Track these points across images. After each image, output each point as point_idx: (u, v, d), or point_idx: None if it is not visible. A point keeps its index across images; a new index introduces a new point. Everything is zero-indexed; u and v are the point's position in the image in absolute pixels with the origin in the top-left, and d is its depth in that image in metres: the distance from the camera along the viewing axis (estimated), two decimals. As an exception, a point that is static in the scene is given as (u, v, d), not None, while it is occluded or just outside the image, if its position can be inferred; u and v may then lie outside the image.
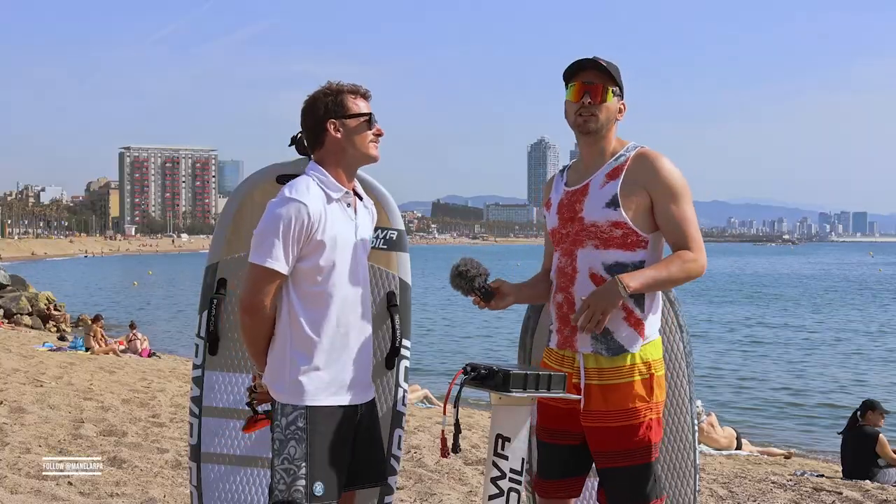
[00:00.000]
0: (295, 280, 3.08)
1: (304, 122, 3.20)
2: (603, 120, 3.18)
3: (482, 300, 3.21)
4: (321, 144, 3.16)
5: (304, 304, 3.07)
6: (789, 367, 21.84)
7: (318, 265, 3.06)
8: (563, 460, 3.28)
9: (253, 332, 3.12)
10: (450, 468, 7.09)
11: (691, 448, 3.77)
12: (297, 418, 3.05)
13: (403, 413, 3.77)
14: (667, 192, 3.13)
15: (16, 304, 26.95)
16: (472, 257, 3.25)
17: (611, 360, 3.14)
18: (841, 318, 36.11)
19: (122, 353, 18.30)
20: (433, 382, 15.72)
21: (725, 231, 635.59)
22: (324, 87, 3.19)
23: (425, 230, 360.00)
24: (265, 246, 3.01)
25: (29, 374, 12.50)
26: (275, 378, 3.12)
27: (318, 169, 3.14)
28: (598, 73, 3.17)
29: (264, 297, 3.04)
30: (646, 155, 3.18)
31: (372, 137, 3.17)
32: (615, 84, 3.19)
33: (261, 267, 3.02)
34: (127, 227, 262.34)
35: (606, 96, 3.16)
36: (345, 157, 3.15)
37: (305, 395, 3.06)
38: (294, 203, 3.01)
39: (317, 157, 3.19)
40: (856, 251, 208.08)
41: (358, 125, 3.14)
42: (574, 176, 3.30)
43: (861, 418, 9.47)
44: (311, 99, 3.18)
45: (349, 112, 3.14)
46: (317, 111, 3.14)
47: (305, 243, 3.03)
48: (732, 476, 7.98)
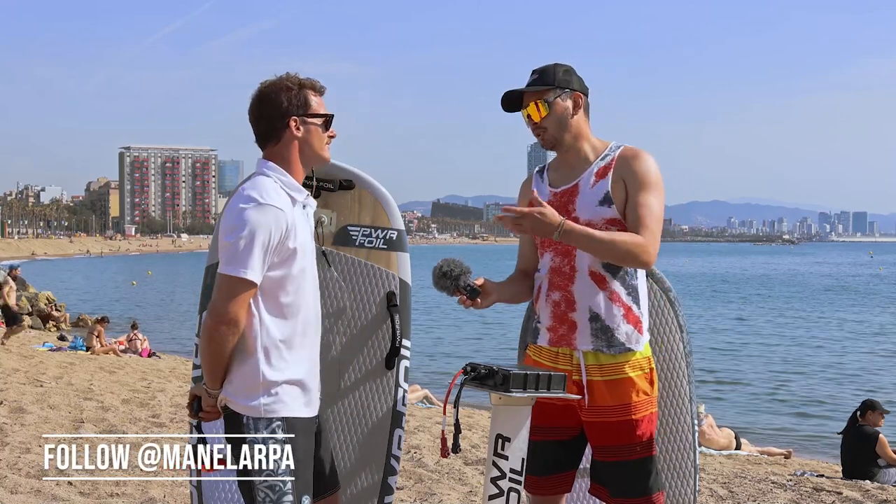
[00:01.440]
0: (264, 290, 2.87)
1: (259, 111, 2.98)
2: (554, 129, 3.23)
3: (468, 298, 3.21)
4: (277, 140, 2.97)
5: (274, 314, 2.90)
6: (787, 366, 21.84)
7: (290, 273, 2.90)
8: (553, 456, 3.30)
9: (225, 346, 2.87)
10: (450, 468, 7.09)
11: (691, 448, 3.77)
12: (275, 431, 2.89)
13: (403, 413, 3.76)
14: (637, 183, 3.16)
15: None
16: (453, 257, 3.23)
17: (612, 357, 3.16)
18: (839, 316, 36.15)
19: (122, 354, 18.30)
20: (433, 382, 15.71)
21: (725, 231, 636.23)
22: (283, 78, 2.99)
23: (425, 230, 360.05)
24: (240, 255, 2.81)
25: (29, 374, 12.50)
26: (245, 393, 2.90)
27: (277, 169, 2.96)
28: (527, 95, 3.22)
29: (238, 308, 2.83)
30: (629, 151, 3.23)
31: (327, 139, 3.05)
32: (548, 88, 3.20)
33: (234, 277, 2.81)
34: (127, 227, 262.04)
35: (543, 110, 3.20)
36: (301, 157, 3.00)
37: (283, 408, 2.90)
38: (272, 210, 2.83)
39: (268, 152, 3.00)
40: (856, 251, 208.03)
41: (318, 126, 3.01)
42: (556, 177, 3.32)
43: (861, 418, 9.48)
44: (270, 89, 2.97)
45: (312, 111, 2.99)
46: (278, 104, 2.95)
47: (278, 251, 2.86)
48: (732, 476, 7.98)
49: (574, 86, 3.23)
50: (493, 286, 3.27)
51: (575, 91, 3.23)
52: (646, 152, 3.21)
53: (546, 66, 3.25)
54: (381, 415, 3.73)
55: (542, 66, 3.25)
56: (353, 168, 3.79)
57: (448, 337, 27.67)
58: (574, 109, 3.22)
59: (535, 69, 3.26)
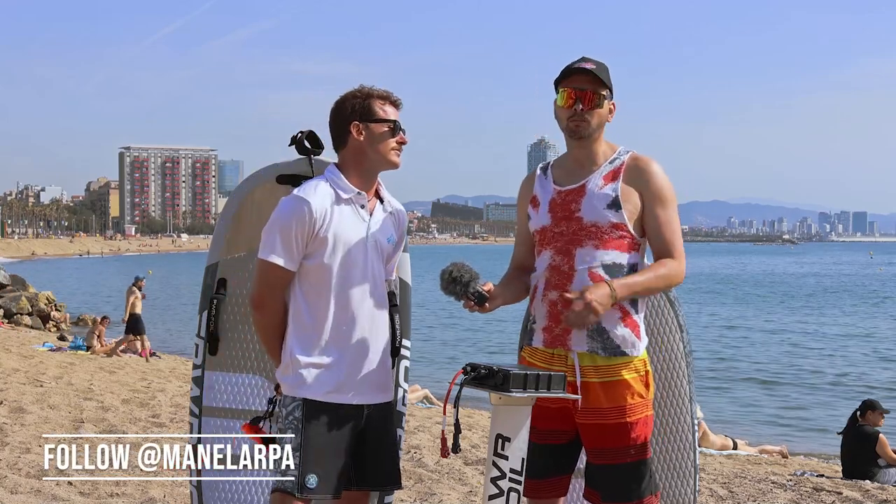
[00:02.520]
0: (301, 277, 3.15)
1: (331, 121, 3.25)
2: (595, 125, 3.22)
3: (476, 304, 3.21)
4: (344, 145, 3.22)
5: (308, 300, 3.15)
6: (785, 366, 21.84)
7: (323, 262, 3.12)
8: (550, 459, 3.28)
9: (262, 328, 3.23)
10: (450, 468, 7.10)
11: (691, 448, 3.77)
12: (294, 409, 3.12)
13: (403, 413, 3.77)
14: (656, 198, 3.18)
15: (16, 304, 26.93)
16: (462, 262, 3.22)
17: (608, 359, 3.16)
18: (836, 315, 36.15)
19: (122, 353, 18.29)
20: (433, 382, 15.71)
21: (725, 231, 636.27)
22: (355, 89, 3.24)
23: (425, 230, 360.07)
24: (268, 242, 3.11)
25: (29, 374, 12.51)
26: (282, 371, 3.20)
27: (333, 171, 3.21)
28: (588, 79, 3.19)
29: (269, 291, 3.14)
30: (640, 160, 3.24)
31: (394, 145, 3.23)
32: (605, 87, 3.21)
33: (264, 261, 3.11)
34: (127, 227, 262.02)
35: (597, 102, 3.19)
36: (365, 161, 3.21)
37: (303, 388, 3.12)
38: (298, 200, 3.10)
39: (339, 157, 3.26)
40: (856, 251, 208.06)
41: (382, 131, 3.20)
42: (562, 175, 3.31)
43: (861, 418, 9.47)
44: (340, 99, 3.23)
45: (375, 116, 3.20)
46: (343, 112, 3.20)
47: (311, 240, 3.10)
48: (732, 476, 7.99)
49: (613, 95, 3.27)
50: (498, 290, 3.27)
51: (612, 101, 3.27)
52: (656, 162, 3.23)
53: (601, 62, 3.23)
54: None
55: (598, 61, 3.23)
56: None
57: (447, 337, 27.67)
58: (609, 115, 3.27)
59: (590, 58, 3.23)
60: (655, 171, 3.21)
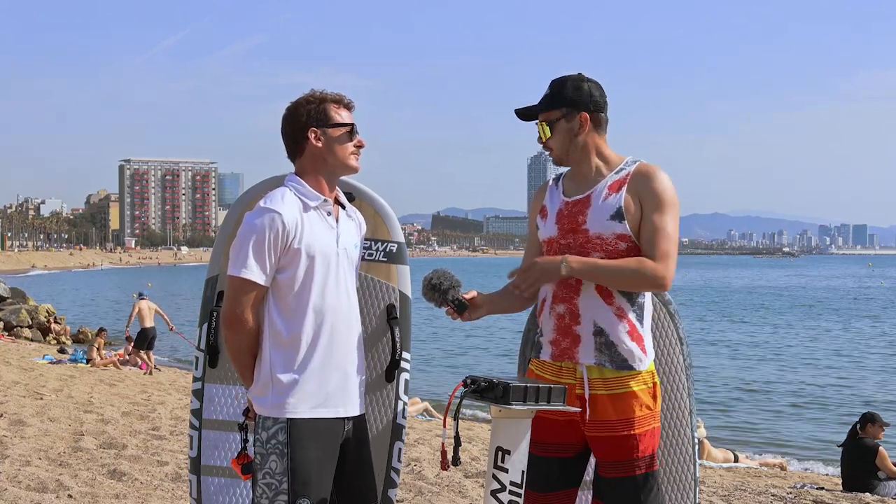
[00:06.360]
0: (274, 291, 3.04)
1: (284, 128, 3.16)
2: (561, 149, 3.24)
3: (456, 312, 3.21)
4: (301, 152, 3.13)
5: (283, 315, 3.03)
6: (788, 379, 21.82)
7: (297, 275, 3.02)
8: (556, 473, 3.27)
9: (234, 347, 3.07)
10: (450, 481, 7.09)
11: (691, 460, 3.77)
12: (277, 432, 3.00)
13: (403, 426, 3.77)
14: (653, 202, 3.15)
15: (16, 317, 26.94)
16: (444, 269, 3.23)
17: (616, 372, 3.16)
18: (839, 328, 36.13)
19: (122, 366, 18.29)
20: (433, 395, 15.70)
21: (725, 243, 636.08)
22: (307, 94, 3.16)
23: (425, 243, 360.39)
24: (240, 257, 2.99)
25: (29, 386, 12.50)
26: (257, 391, 3.07)
27: (295, 179, 3.12)
28: (539, 112, 3.24)
29: (243, 308, 3.00)
30: (644, 168, 3.20)
31: (353, 149, 3.16)
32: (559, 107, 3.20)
33: (235, 278, 3.00)
34: (127, 240, 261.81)
35: (548, 131, 3.22)
36: (325, 167, 3.13)
37: (286, 408, 3.01)
38: (268, 213, 2.99)
39: (297, 165, 3.16)
40: (856, 264, 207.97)
41: (339, 135, 3.12)
42: (571, 186, 3.31)
43: (861, 430, 9.46)
44: (293, 106, 3.15)
45: (332, 121, 3.11)
46: (298, 118, 3.12)
47: (283, 253, 3.00)
48: (732, 489, 7.97)
49: (582, 105, 3.20)
50: (484, 299, 3.27)
51: (579, 112, 3.20)
52: (661, 170, 3.19)
53: (561, 79, 3.22)
54: (381, 427, 3.73)
55: (559, 79, 3.23)
56: (353, 181, 3.81)
57: (447, 349, 27.64)
58: (579, 130, 3.20)
59: (553, 80, 3.24)
60: (658, 177, 3.17)
